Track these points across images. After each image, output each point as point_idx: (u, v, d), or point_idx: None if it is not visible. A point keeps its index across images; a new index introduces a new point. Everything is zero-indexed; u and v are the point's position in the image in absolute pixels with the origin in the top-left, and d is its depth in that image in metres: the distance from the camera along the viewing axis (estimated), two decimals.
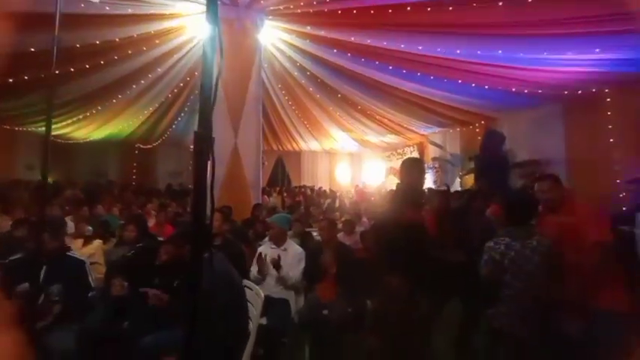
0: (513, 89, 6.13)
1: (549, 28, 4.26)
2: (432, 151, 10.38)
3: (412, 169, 2.42)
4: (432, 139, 10.21)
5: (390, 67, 6.28)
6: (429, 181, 10.19)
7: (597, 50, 4.52)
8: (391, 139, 11.46)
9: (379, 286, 2.22)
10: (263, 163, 6.69)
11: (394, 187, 2.70)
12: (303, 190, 11.41)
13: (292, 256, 3.21)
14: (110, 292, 2.29)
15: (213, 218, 4.62)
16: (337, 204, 8.87)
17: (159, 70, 7.16)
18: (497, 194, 3.45)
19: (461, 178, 8.02)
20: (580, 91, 6.01)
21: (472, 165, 7.62)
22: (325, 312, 3.05)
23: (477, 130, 8.39)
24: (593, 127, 6.01)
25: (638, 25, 3.94)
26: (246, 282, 2.66)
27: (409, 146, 11.47)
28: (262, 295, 2.37)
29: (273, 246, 3.31)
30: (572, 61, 5.00)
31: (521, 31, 4.40)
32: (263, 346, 2.82)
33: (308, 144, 13.36)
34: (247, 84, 5.84)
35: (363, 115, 9.56)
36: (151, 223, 5.08)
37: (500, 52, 4.85)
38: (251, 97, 5.86)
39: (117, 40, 5.96)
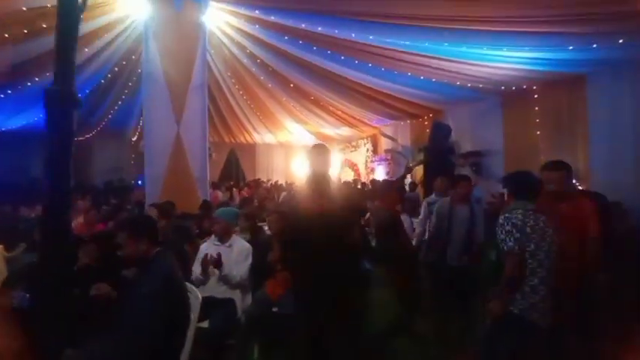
0: (458, 83, 6.42)
1: (489, 24, 4.48)
2: (384, 143, 10.64)
3: (317, 156, 2.42)
4: (384, 132, 10.45)
5: (342, 57, 6.21)
6: (381, 173, 10.47)
7: (527, 49, 4.85)
8: (345, 131, 11.54)
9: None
10: (210, 155, 6.28)
11: (348, 179, 2.71)
12: (257, 184, 11.08)
13: (238, 252, 3.01)
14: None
15: (150, 213, 4.26)
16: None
17: (86, 50, 6.33)
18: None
19: (411, 169, 8.31)
20: (514, 87, 6.50)
21: (421, 156, 7.92)
22: (275, 309, 2.91)
23: (426, 122, 8.74)
24: (524, 120, 6.56)
25: (562, 28, 4.35)
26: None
27: (363, 138, 11.65)
28: (200, 297, 2.16)
29: (217, 242, 3.07)
30: (508, 58, 5.35)
31: (465, 26, 4.55)
32: (208, 349, 2.63)
33: (262, 136, 12.97)
34: (191, 70, 5.39)
35: (317, 106, 9.46)
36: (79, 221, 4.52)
37: (446, 44, 4.99)
38: (195, 84, 5.42)
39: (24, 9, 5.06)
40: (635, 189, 4.66)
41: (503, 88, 6.51)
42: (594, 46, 4.66)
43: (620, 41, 4.48)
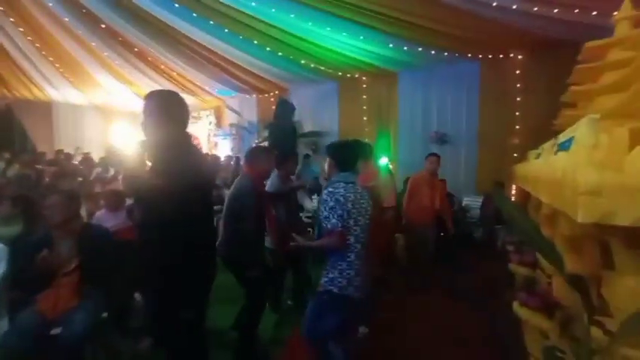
0: (302, 61, 6.49)
1: (332, 6, 4.59)
2: (229, 117, 9.94)
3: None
4: (230, 104, 9.74)
5: (177, 5, 5.11)
6: (225, 148, 9.80)
7: (361, 37, 5.32)
8: (185, 98, 10.05)
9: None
10: None
11: None
12: (66, 157, 8.19)
13: None
14: None
15: None
16: (112, 173, 6.89)
17: None
18: (288, 161, 3.42)
19: (257, 145, 8.07)
20: (349, 75, 7.19)
21: (267, 133, 7.78)
22: (56, 331, 2.05)
23: (272, 99, 8.63)
24: (355, 106, 7.43)
25: (385, 26, 4.99)
26: None
27: (205, 109, 10.51)
28: None
29: None
30: (346, 45, 5.76)
31: (313, 2, 4.48)
32: None
33: (63, 93, 9.67)
34: None
35: (146, 63, 7.71)
36: None
37: (292, 16, 4.83)
38: None
39: None
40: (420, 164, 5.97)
41: (340, 74, 7.07)
42: (405, 48, 5.62)
43: (420, 49, 5.59)
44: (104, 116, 11.20)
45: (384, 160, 4.56)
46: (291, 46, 5.95)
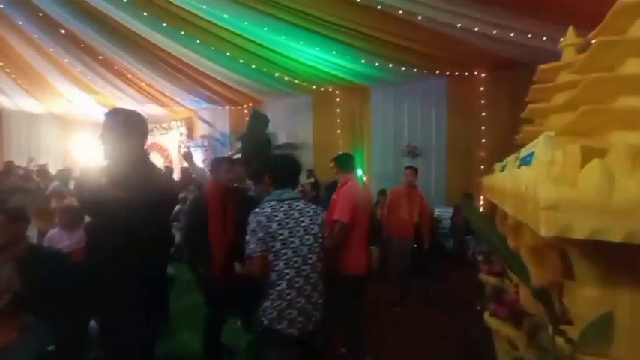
0: (276, 74, 6.51)
1: (306, 21, 4.67)
2: (200, 128, 9.72)
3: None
4: (201, 116, 9.54)
5: (145, 14, 4.98)
6: (197, 160, 9.53)
7: (334, 52, 5.44)
8: (154, 110, 9.74)
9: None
10: None
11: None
12: (7, 168, 7.57)
13: None
14: None
15: None
16: (72, 187, 6.44)
17: None
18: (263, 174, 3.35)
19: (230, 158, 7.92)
20: (322, 89, 7.30)
21: (240, 145, 7.67)
22: None
23: (246, 110, 8.56)
24: (329, 119, 7.52)
25: (357, 42, 5.14)
26: None
27: (176, 120, 10.22)
28: None
29: None
30: (319, 59, 5.86)
31: (285, 15, 4.53)
32: None
33: (16, 100, 9.04)
34: None
35: (113, 73, 7.42)
36: None
37: (265, 29, 4.85)
38: None
39: None
40: (396, 178, 6.09)
41: (314, 87, 7.16)
42: (376, 64, 5.80)
43: (390, 65, 5.79)
44: (64, 126, 10.58)
45: (358, 173, 4.62)
46: (265, 59, 5.96)
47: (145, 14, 4.99)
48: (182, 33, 5.34)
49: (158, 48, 6.05)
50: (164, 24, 5.18)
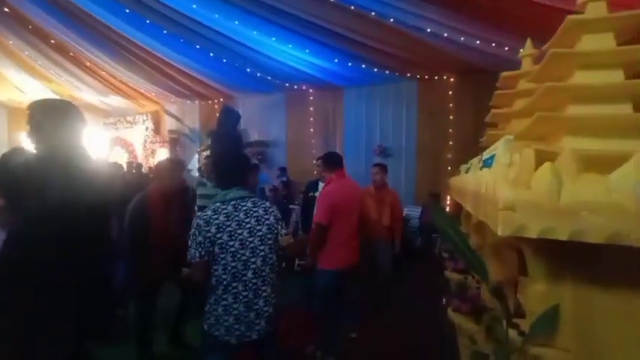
0: (248, 70, 6.38)
1: (280, 18, 4.61)
2: (168, 123, 9.32)
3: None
4: (169, 110, 9.15)
5: (128, 11, 4.69)
6: (164, 156, 9.14)
7: (307, 50, 5.42)
8: (117, 102, 9.22)
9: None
10: None
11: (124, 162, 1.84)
12: None
13: None
14: None
15: None
16: None
17: None
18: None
19: (199, 154, 7.67)
20: (296, 87, 7.25)
21: (209, 141, 7.44)
22: None
23: (216, 106, 8.32)
24: (303, 117, 7.50)
25: (332, 40, 5.16)
26: None
27: (142, 114, 9.74)
28: None
29: None
30: (292, 57, 5.81)
31: (257, 9, 4.45)
32: None
33: None
34: None
35: (68, 59, 6.91)
36: None
37: (236, 22, 4.74)
38: None
39: None
40: (367, 177, 6.20)
41: (287, 85, 7.10)
42: (349, 64, 5.86)
43: (363, 66, 5.87)
44: (12, 115, 9.73)
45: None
46: (236, 54, 5.82)
47: (127, 11, 4.69)
48: (147, 22, 5.08)
49: (120, 35, 5.71)
50: (127, 10, 4.90)
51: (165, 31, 5.27)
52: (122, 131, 10.08)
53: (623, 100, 1.02)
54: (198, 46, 5.62)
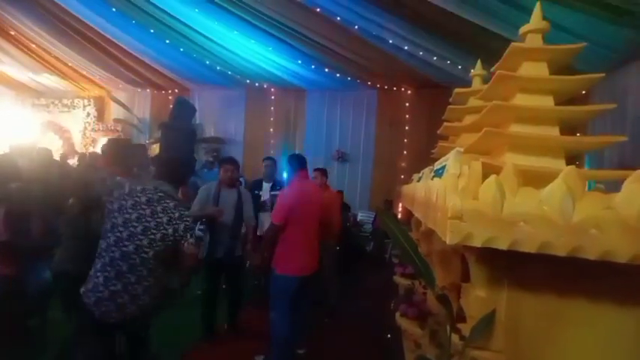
0: (207, 62, 6.10)
1: (244, 11, 4.46)
2: (115, 111, 8.56)
3: None
4: (116, 97, 8.41)
5: None
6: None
7: (270, 48, 5.33)
8: (52, 81, 8.25)
9: None
10: None
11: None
12: None
13: None
14: None
15: None
16: None
17: None
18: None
19: (147, 146, 7.13)
20: (257, 84, 7.08)
21: (160, 133, 6.97)
22: None
23: (170, 97, 7.82)
24: (262, 116, 7.34)
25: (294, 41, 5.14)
26: None
27: (84, 98, 8.81)
28: None
29: None
30: (255, 54, 5.67)
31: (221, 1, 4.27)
32: None
33: None
34: None
35: None
36: None
37: (196, 10, 4.50)
38: None
39: None
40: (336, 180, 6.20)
41: (248, 81, 6.90)
42: (312, 67, 5.87)
43: (326, 70, 5.93)
44: None
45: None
46: (195, 44, 5.53)
47: None
48: (114, 10, 4.60)
49: (58, 7, 5.06)
50: None
51: (114, 9, 4.83)
52: (56, 115, 9.01)
53: (552, 123, 1.12)
54: (152, 31, 5.24)
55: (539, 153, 1.10)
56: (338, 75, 6.04)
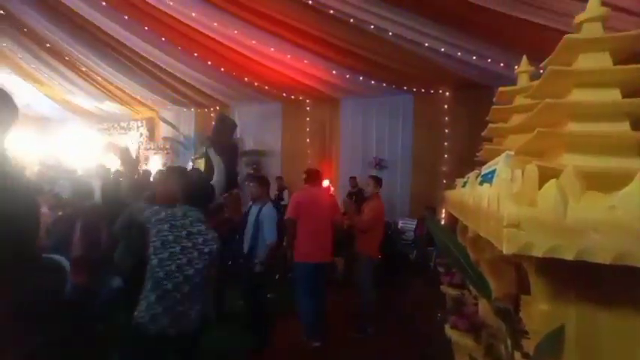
0: (246, 79, 6.40)
1: (278, 26, 4.65)
2: (163, 130, 9.26)
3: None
4: (164, 117, 9.10)
5: (104, 4, 4.68)
6: (157, 164, 9.04)
7: (305, 61, 5.46)
8: (111, 107, 9.15)
9: None
10: None
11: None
12: None
13: None
14: None
15: None
16: None
17: None
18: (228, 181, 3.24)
19: (193, 162, 7.59)
20: (292, 97, 7.28)
21: (204, 149, 7.39)
22: None
23: (212, 114, 8.30)
24: (299, 127, 7.51)
25: (330, 52, 5.21)
26: None
27: (137, 120, 9.67)
28: None
29: None
30: (290, 67, 5.85)
31: (254, 17, 4.48)
32: None
33: None
34: None
35: (63, 63, 6.86)
36: None
37: (235, 32, 4.77)
38: None
39: None
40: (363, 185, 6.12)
41: (284, 95, 7.12)
42: (347, 76, 5.91)
43: (361, 78, 5.93)
44: None
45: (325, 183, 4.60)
46: (234, 63, 5.85)
47: (104, 4, 4.69)
48: (146, 28, 5.09)
49: (117, 41, 5.69)
50: (125, 17, 4.90)
51: (163, 39, 5.29)
52: (116, 137, 9.97)
53: (620, 119, 1.02)
54: (196, 54, 5.63)
55: (605, 152, 0.99)
56: (372, 82, 6.02)
